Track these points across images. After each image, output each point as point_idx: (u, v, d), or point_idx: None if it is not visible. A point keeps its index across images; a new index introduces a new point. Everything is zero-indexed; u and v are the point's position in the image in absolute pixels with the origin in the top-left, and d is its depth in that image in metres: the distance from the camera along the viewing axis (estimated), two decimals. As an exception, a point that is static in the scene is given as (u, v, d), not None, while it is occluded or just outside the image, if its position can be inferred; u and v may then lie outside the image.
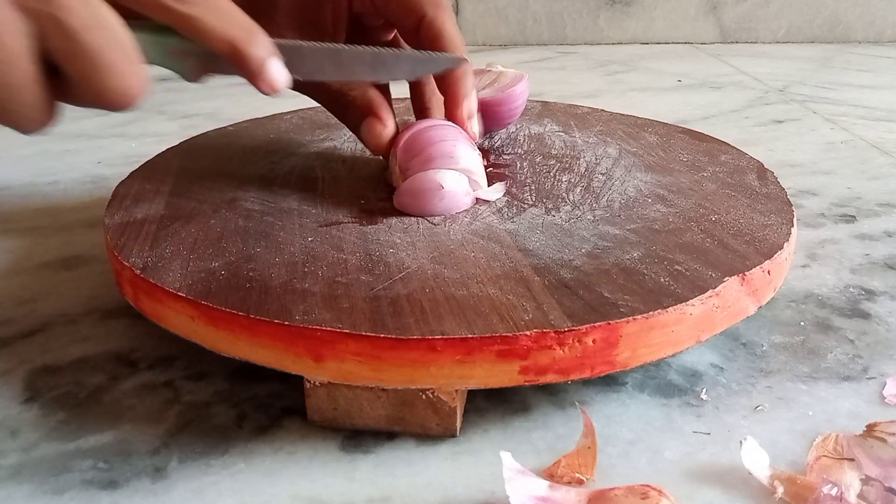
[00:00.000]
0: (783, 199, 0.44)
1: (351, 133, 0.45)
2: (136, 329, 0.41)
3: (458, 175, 0.41)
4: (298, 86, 0.41)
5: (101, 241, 0.45)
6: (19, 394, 0.36)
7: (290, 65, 0.37)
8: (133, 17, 0.32)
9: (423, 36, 0.43)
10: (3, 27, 0.28)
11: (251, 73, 0.35)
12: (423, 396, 0.32)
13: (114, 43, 0.30)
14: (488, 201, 0.43)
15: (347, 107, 0.44)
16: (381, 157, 0.46)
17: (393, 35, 0.48)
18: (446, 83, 0.43)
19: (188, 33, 0.34)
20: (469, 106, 0.44)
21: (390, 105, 0.45)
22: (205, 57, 0.35)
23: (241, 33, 0.34)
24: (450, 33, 0.43)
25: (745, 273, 0.35)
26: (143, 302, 0.36)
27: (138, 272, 0.36)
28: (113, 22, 0.31)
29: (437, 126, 0.42)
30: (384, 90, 0.48)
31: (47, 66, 0.30)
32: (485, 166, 0.44)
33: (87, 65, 0.30)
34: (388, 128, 0.43)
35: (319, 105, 0.46)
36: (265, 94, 0.37)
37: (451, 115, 0.44)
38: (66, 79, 0.31)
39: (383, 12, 0.44)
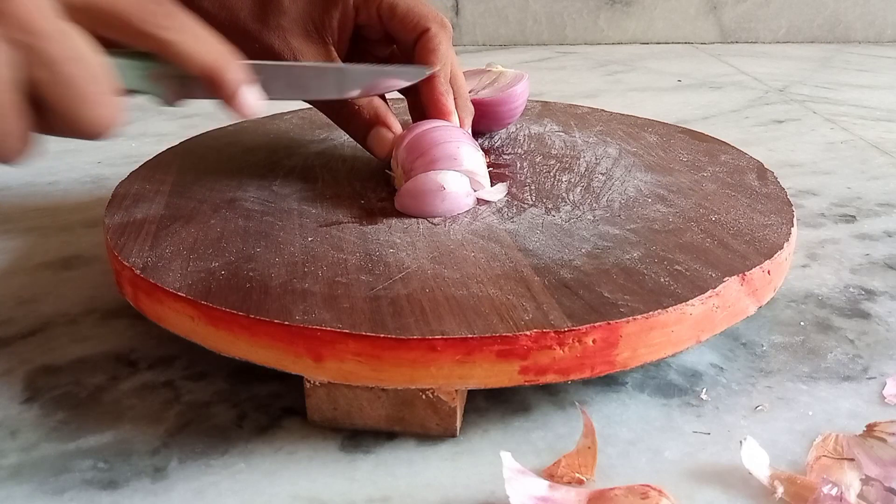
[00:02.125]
0: (783, 199, 0.44)
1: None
2: (136, 329, 0.41)
3: (459, 176, 0.41)
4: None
5: (101, 241, 0.45)
6: (19, 394, 0.36)
7: (263, 86, 0.38)
8: (111, 46, 0.33)
9: (419, 47, 0.44)
10: None
11: (227, 97, 0.36)
12: (423, 396, 0.32)
13: (91, 74, 0.31)
14: (489, 201, 0.43)
15: (353, 116, 0.44)
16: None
17: (390, 51, 0.49)
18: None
19: (168, 58, 0.34)
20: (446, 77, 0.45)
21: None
22: (181, 80, 0.36)
23: (219, 58, 0.35)
24: (443, 53, 0.44)
25: (745, 273, 0.35)
26: (143, 302, 0.36)
27: (138, 272, 0.36)
28: (90, 54, 0.32)
29: (440, 127, 0.42)
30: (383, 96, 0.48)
31: (26, 98, 0.31)
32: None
33: (65, 94, 0.31)
34: (396, 135, 0.44)
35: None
36: (242, 115, 0.37)
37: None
38: (43, 109, 0.32)
39: (387, 26, 0.45)
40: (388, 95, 0.49)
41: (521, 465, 0.29)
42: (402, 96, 0.49)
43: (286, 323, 0.31)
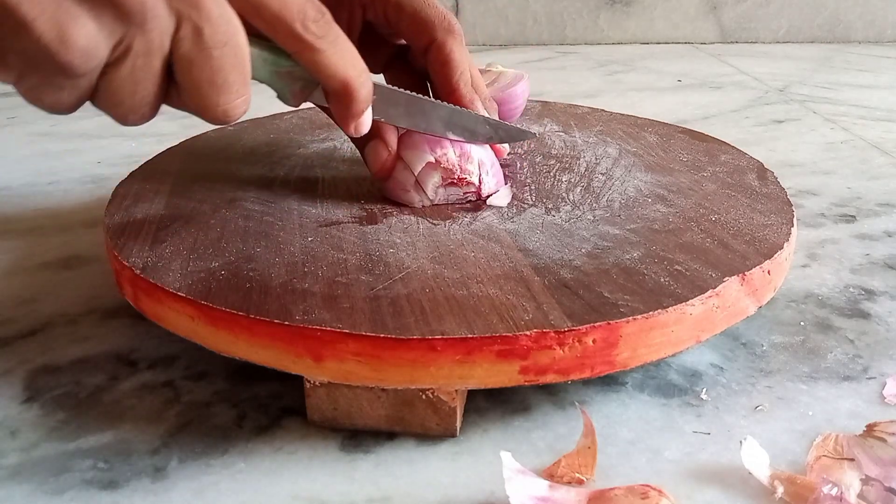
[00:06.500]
0: (783, 199, 0.44)
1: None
2: (136, 329, 0.41)
3: (430, 166, 0.42)
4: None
5: (101, 241, 0.45)
6: (19, 394, 0.36)
7: (379, 109, 0.39)
8: (254, 34, 0.33)
9: (431, 60, 0.43)
10: (154, 22, 0.29)
11: (352, 114, 0.37)
12: (423, 396, 0.32)
13: (237, 63, 0.32)
14: (487, 201, 0.43)
15: None
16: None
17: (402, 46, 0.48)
18: (439, 62, 0.43)
19: (309, 64, 0.35)
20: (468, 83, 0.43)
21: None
22: (307, 84, 0.36)
23: (357, 75, 0.36)
24: (457, 61, 0.42)
25: (745, 273, 0.35)
26: (143, 302, 0.36)
27: (138, 272, 0.35)
28: (243, 43, 0.32)
29: None
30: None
31: (168, 70, 0.31)
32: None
33: (206, 78, 0.31)
34: (391, 153, 0.42)
35: (319, 105, 0.46)
36: (349, 134, 0.38)
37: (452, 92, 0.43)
38: (178, 85, 0.32)
39: (395, 28, 0.44)
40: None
41: (521, 465, 0.29)
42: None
43: (286, 323, 0.31)
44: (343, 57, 0.35)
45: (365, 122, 0.38)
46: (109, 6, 0.28)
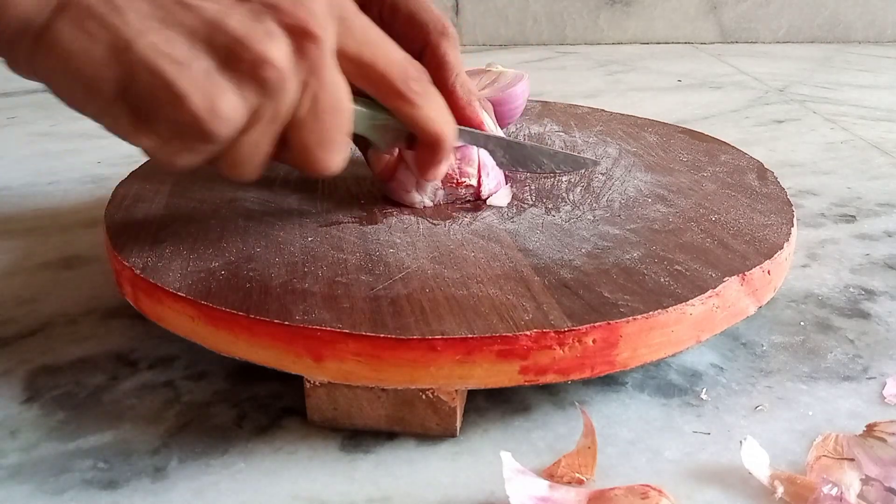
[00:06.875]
0: (783, 199, 0.44)
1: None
2: (136, 329, 0.41)
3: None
4: None
5: (101, 241, 0.45)
6: (19, 394, 0.36)
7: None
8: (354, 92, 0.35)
9: (426, 62, 0.43)
10: (285, 93, 0.31)
11: (436, 161, 0.39)
12: (423, 396, 0.32)
13: (343, 124, 0.34)
14: (487, 201, 0.43)
15: None
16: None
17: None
18: (434, 63, 0.43)
19: (406, 118, 0.37)
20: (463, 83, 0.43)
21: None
22: (400, 133, 0.39)
23: (447, 130, 0.38)
24: (452, 63, 0.43)
25: (745, 273, 0.35)
26: (143, 302, 0.36)
27: (138, 272, 0.36)
28: (349, 105, 0.34)
29: None
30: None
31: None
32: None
33: (314, 138, 0.33)
34: (394, 155, 0.43)
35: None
36: (426, 180, 0.41)
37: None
38: (286, 144, 0.33)
39: (390, 30, 0.44)
40: None
41: (521, 465, 0.29)
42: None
43: (286, 323, 0.31)
44: (437, 112, 0.38)
45: (444, 170, 0.40)
46: (252, 79, 0.30)
